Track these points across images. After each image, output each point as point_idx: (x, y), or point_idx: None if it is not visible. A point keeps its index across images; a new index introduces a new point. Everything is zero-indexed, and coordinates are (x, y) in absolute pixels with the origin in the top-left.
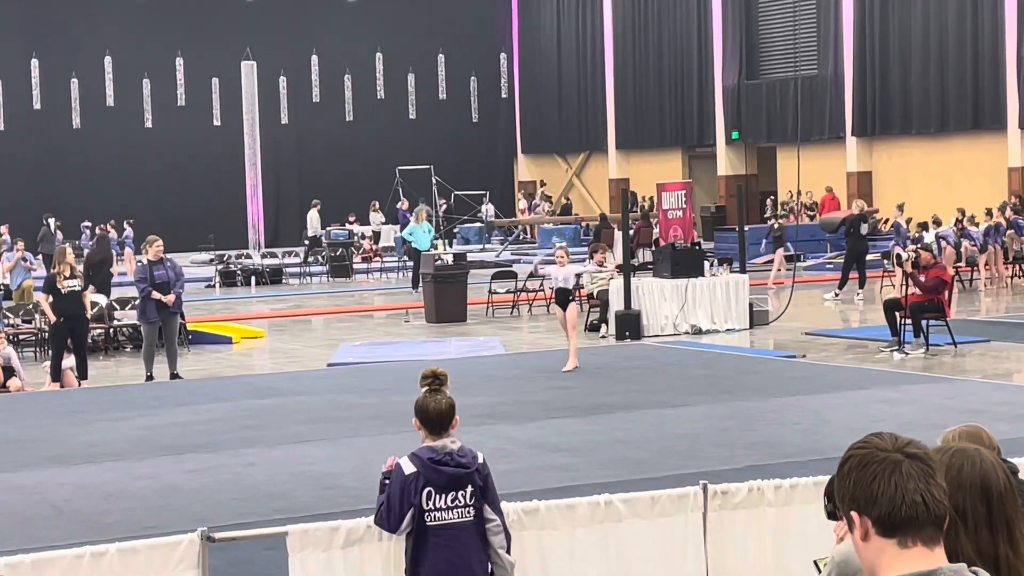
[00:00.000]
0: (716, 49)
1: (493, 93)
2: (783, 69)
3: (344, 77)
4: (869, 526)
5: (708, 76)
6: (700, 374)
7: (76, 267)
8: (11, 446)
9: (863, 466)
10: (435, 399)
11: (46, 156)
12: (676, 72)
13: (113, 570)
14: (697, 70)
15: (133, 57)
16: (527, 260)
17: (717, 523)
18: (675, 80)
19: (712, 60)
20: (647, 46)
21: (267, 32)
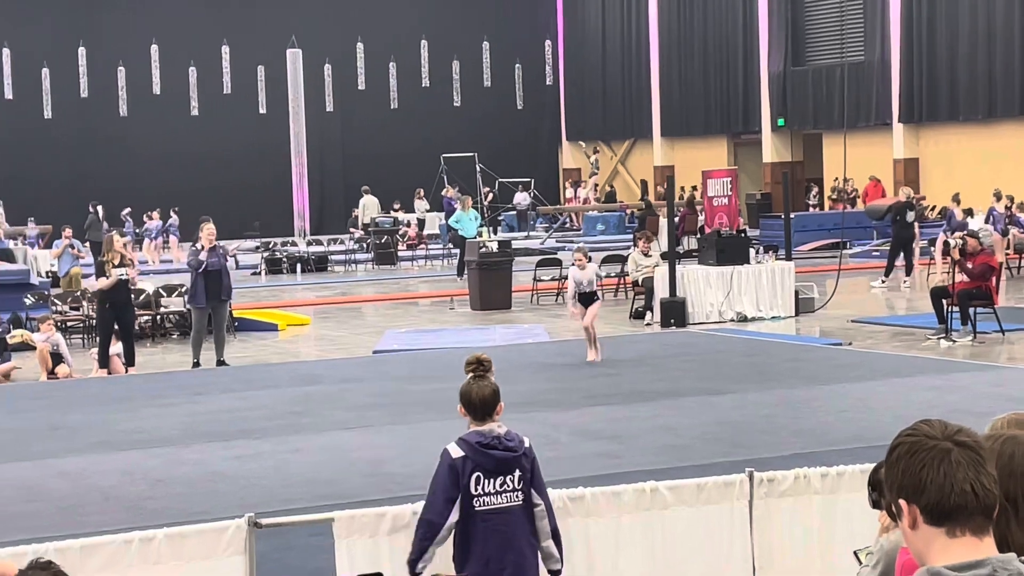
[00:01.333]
0: (762, 35)
1: (538, 80)
2: (829, 55)
3: (389, 64)
4: (917, 514)
5: (753, 62)
6: (745, 361)
7: (125, 254)
8: (59, 432)
9: (912, 454)
10: (479, 385)
11: (93, 144)
12: (721, 58)
13: (161, 555)
14: (742, 56)
15: (179, 45)
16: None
17: (763, 511)
18: (720, 66)
19: (758, 46)
20: (692, 32)
21: (312, 20)
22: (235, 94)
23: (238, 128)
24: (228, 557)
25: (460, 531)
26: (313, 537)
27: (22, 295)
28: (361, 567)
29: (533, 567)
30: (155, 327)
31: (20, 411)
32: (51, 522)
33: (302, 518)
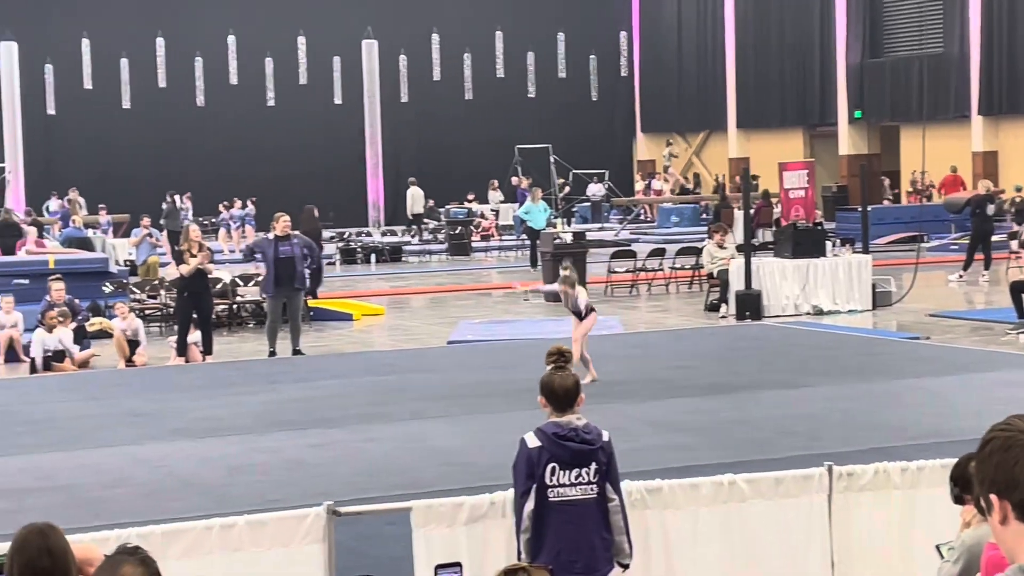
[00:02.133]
0: (839, 27)
1: (613, 71)
2: (907, 47)
3: (464, 55)
4: (1009, 510)
5: (830, 54)
6: (821, 355)
7: (204, 244)
8: (138, 419)
9: (1005, 449)
10: (561, 376)
11: (170, 134)
12: (798, 50)
13: (241, 542)
14: (819, 48)
15: (256, 36)
16: (646, 240)
17: (842, 505)
18: (797, 58)
19: (835, 38)
20: (769, 23)
21: (388, 10)
22: (311, 85)
23: (313, 119)
24: (307, 545)
25: (535, 521)
26: (390, 526)
27: (101, 283)
28: (438, 557)
29: (605, 561)
30: (231, 316)
31: (99, 398)
32: (132, 508)
33: (380, 507)
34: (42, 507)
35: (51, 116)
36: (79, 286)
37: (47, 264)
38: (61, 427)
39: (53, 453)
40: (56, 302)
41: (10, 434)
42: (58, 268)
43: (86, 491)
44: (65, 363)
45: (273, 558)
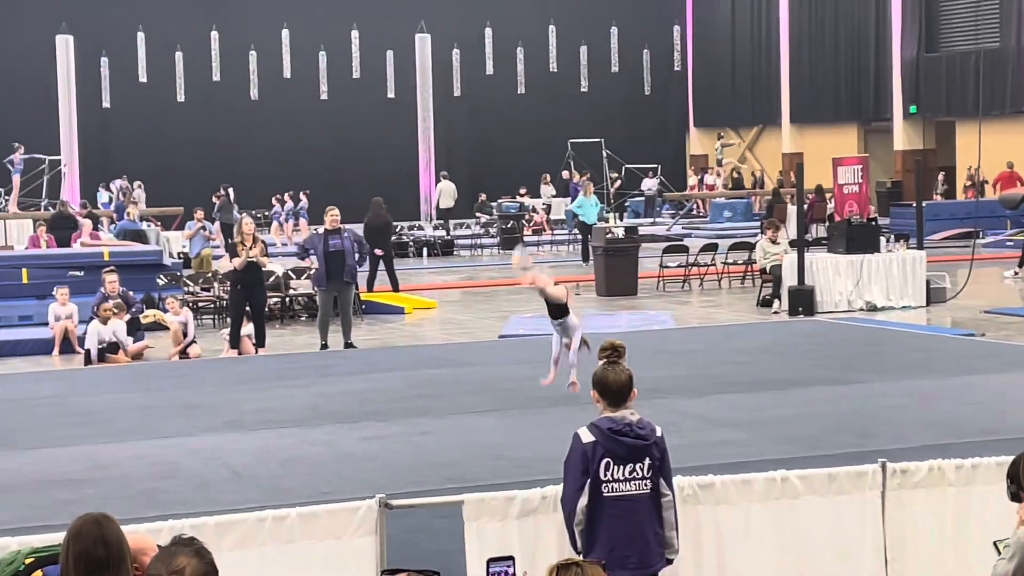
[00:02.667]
0: (894, 21)
1: (666, 66)
2: (963, 41)
3: (517, 50)
4: None
5: (886, 48)
6: (875, 351)
7: (257, 237)
8: (192, 411)
9: None
10: (615, 371)
11: (224, 127)
12: (853, 44)
13: (293, 533)
14: (874, 42)
15: (310, 30)
16: (699, 234)
17: (896, 502)
18: (851, 53)
19: (890, 32)
20: (823, 17)
21: (441, 5)
22: (364, 79)
23: (366, 112)
24: (359, 537)
25: (588, 516)
26: (441, 519)
27: (155, 275)
28: (490, 550)
29: (658, 556)
30: (284, 309)
31: (153, 389)
32: (185, 499)
33: (432, 500)
34: (97, 497)
35: (106, 109)
36: (133, 278)
37: (102, 256)
38: (115, 418)
39: (107, 444)
40: (110, 294)
41: (65, 425)
42: (112, 260)
43: (140, 482)
44: (119, 355)
45: (325, 550)
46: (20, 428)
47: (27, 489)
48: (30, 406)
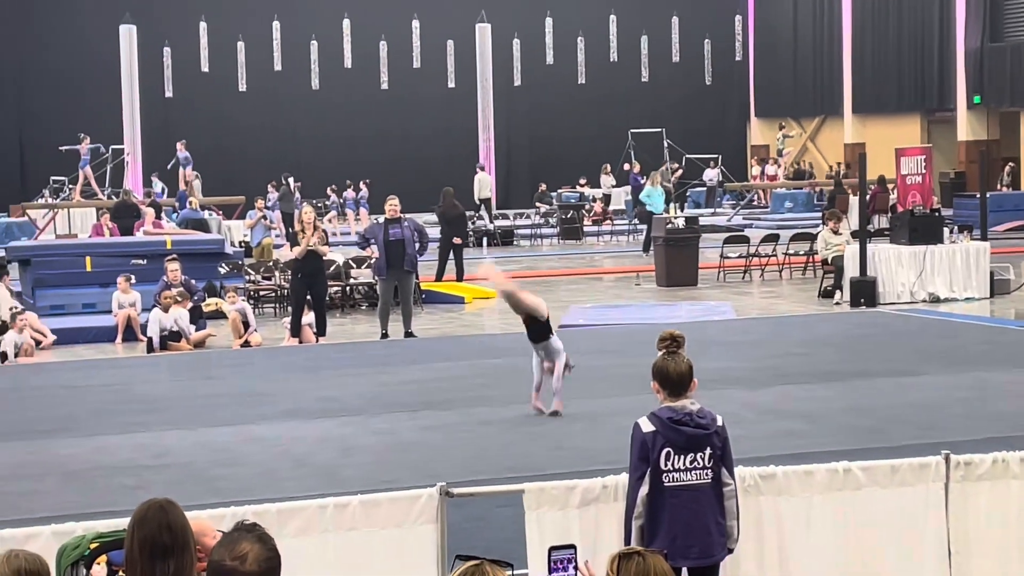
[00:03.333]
0: (958, 10)
1: (727, 56)
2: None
3: (577, 39)
4: None
5: (949, 38)
6: (938, 343)
7: (318, 226)
8: (253, 399)
9: None
10: (675, 361)
11: (285, 117)
12: (916, 34)
13: (355, 521)
14: (938, 32)
15: (370, 20)
16: (760, 225)
17: (959, 494)
18: (915, 42)
19: (954, 21)
20: (886, 6)
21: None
22: (424, 68)
23: (427, 102)
24: (420, 525)
25: (650, 506)
26: (502, 508)
27: (217, 264)
28: (551, 539)
29: (720, 546)
30: (345, 298)
31: (215, 377)
32: (247, 486)
33: (493, 488)
34: (160, 483)
35: (169, 99)
36: (195, 267)
37: (164, 245)
38: (177, 406)
39: (170, 431)
40: (172, 282)
41: (128, 412)
42: (175, 249)
43: (202, 469)
44: (181, 343)
45: (386, 538)
46: (84, 415)
47: (91, 475)
48: (94, 393)
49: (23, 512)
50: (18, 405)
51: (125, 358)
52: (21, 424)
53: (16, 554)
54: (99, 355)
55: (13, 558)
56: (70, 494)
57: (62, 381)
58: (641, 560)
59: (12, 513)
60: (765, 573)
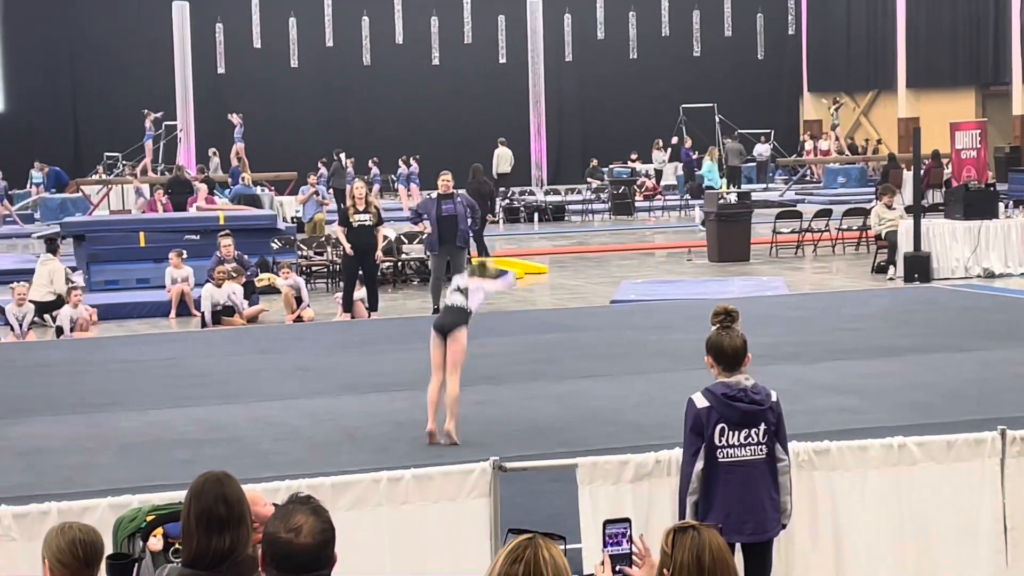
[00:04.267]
0: None
1: (779, 30)
2: None
3: (629, 14)
4: None
5: (1005, 11)
6: (993, 318)
7: (371, 201)
8: (306, 373)
9: None
10: (730, 335)
11: (336, 92)
12: (971, 7)
13: (408, 495)
14: (993, 4)
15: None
16: (812, 200)
17: (1015, 470)
18: (969, 15)
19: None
20: None
21: None
22: (475, 44)
23: (478, 77)
24: (473, 499)
25: (704, 481)
26: (554, 483)
27: (269, 240)
28: (604, 514)
29: (774, 521)
30: (396, 273)
31: (268, 352)
32: (301, 460)
33: (546, 463)
34: (215, 457)
35: (221, 75)
36: (248, 242)
37: (217, 220)
38: (231, 380)
39: (223, 406)
40: (225, 258)
41: (183, 386)
42: (228, 224)
43: (256, 443)
44: (234, 318)
45: (440, 512)
46: (139, 389)
47: (147, 449)
48: (148, 368)
49: (79, 486)
50: (74, 379)
51: (179, 333)
52: (77, 398)
53: (70, 525)
54: (153, 330)
55: (67, 529)
56: (126, 468)
57: (117, 355)
58: (696, 534)
59: (68, 487)
60: (819, 548)
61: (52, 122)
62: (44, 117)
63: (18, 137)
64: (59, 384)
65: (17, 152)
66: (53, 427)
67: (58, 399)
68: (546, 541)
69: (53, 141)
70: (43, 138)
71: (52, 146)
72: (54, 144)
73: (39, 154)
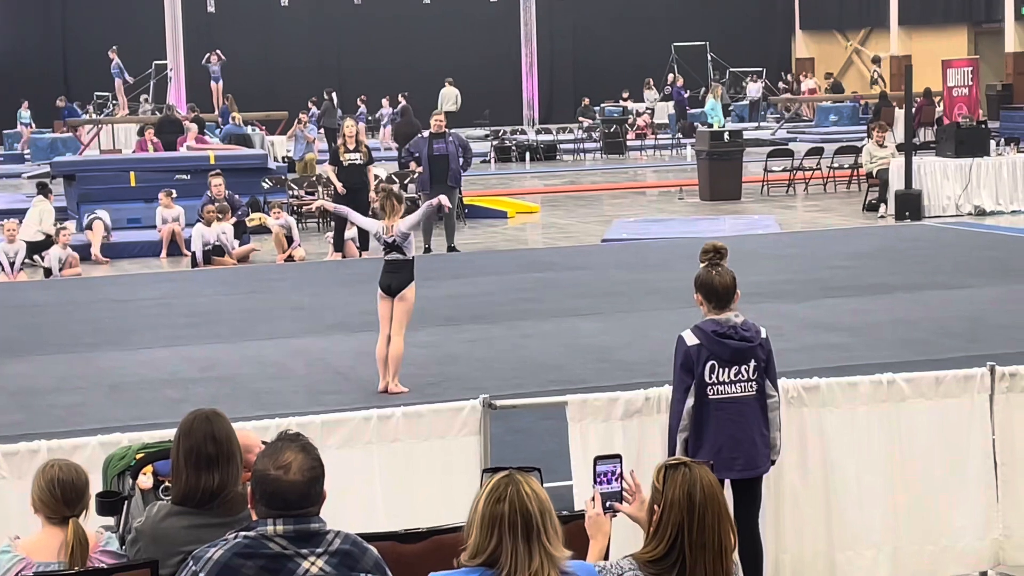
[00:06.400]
0: None
1: None
2: None
3: None
4: None
5: None
6: (983, 256)
7: (362, 140)
8: (297, 313)
9: None
10: (720, 272)
11: (327, 31)
12: None
13: (398, 432)
14: None
15: None
16: (804, 139)
17: (1004, 405)
18: None
19: None
20: None
21: None
22: None
23: (469, 16)
24: (463, 437)
25: (694, 419)
26: (545, 420)
27: (260, 179)
28: (594, 451)
29: (764, 457)
30: None
31: (259, 292)
32: (291, 399)
33: (536, 401)
34: (206, 396)
35: (211, 14)
36: (238, 182)
37: (208, 160)
38: (222, 320)
39: (215, 344)
40: (216, 197)
41: (174, 326)
42: (218, 164)
43: (247, 382)
44: (225, 258)
45: (429, 449)
46: (130, 328)
47: (138, 388)
48: (139, 307)
49: (70, 424)
50: (64, 319)
51: (170, 272)
52: (67, 338)
53: (52, 464)
54: (144, 269)
55: (48, 468)
56: (116, 407)
57: (107, 295)
58: (687, 471)
59: (59, 425)
60: (808, 484)
61: (41, 62)
62: (33, 57)
63: (7, 77)
64: (50, 324)
65: (6, 92)
66: (44, 367)
67: (49, 339)
68: (524, 476)
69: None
70: (32, 78)
71: (41, 86)
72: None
73: (28, 94)
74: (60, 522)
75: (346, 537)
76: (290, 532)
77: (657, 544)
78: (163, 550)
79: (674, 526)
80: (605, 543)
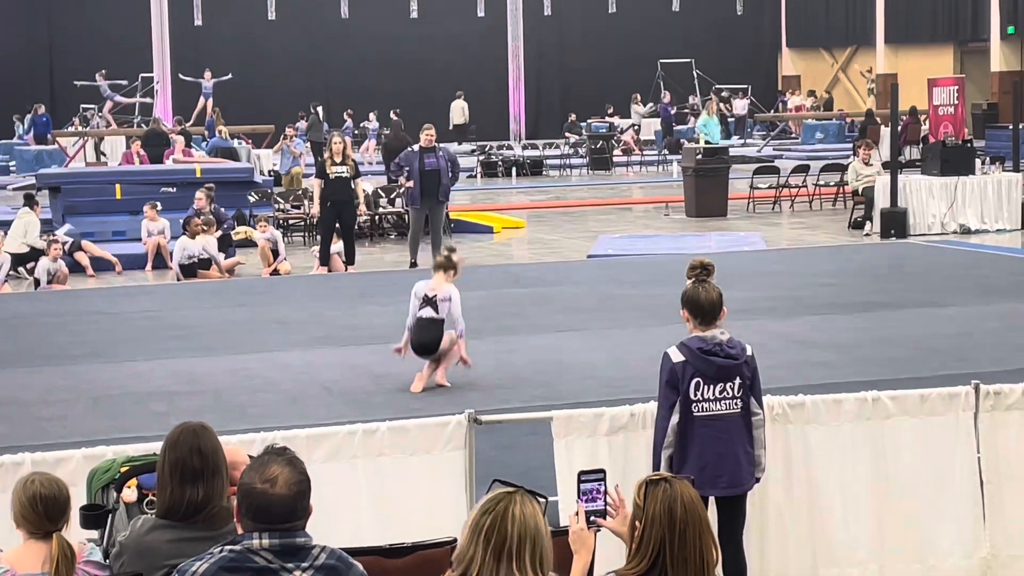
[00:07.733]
0: None
1: None
2: None
3: None
4: None
5: None
6: (968, 274)
7: (348, 154)
8: (282, 327)
9: None
10: (705, 289)
11: (314, 46)
12: None
13: (384, 447)
14: None
15: None
16: (790, 156)
17: (989, 424)
18: None
19: None
20: None
21: None
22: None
23: (456, 32)
24: (448, 451)
25: (679, 435)
26: (530, 436)
27: (246, 193)
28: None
29: (748, 475)
30: (374, 227)
31: (245, 305)
32: (277, 413)
33: (521, 416)
34: (191, 410)
35: (198, 27)
36: (224, 195)
37: (194, 173)
38: (208, 333)
39: (200, 358)
40: (201, 210)
41: (159, 339)
42: (204, 177)
43: (232, 395)
44: (211, 271)
45: (415, 464)
46: (116, 341)
47: (123, 401)
48: (125, 320)
49: (54, 437)
50: (50, 331)
51: (155, 285)
52: (53, 350)
53: (32, 479)
54: (130, 282)
55: (30, 484)
56: (101, 419)
57: (94, 307)
58: (668, 487)
59: (44, 438)
60: (793, 502)
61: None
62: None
63: None
64: (35, 336)
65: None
66: (29, 378)
67: (34, 351)
68: (524, 498)
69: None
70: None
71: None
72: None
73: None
74: (43, 536)
75: (331, 552)
76: (276, 546)
77: (640, 560)
78: (147, 564)
79: (656, 542)
80: (589, 558)
